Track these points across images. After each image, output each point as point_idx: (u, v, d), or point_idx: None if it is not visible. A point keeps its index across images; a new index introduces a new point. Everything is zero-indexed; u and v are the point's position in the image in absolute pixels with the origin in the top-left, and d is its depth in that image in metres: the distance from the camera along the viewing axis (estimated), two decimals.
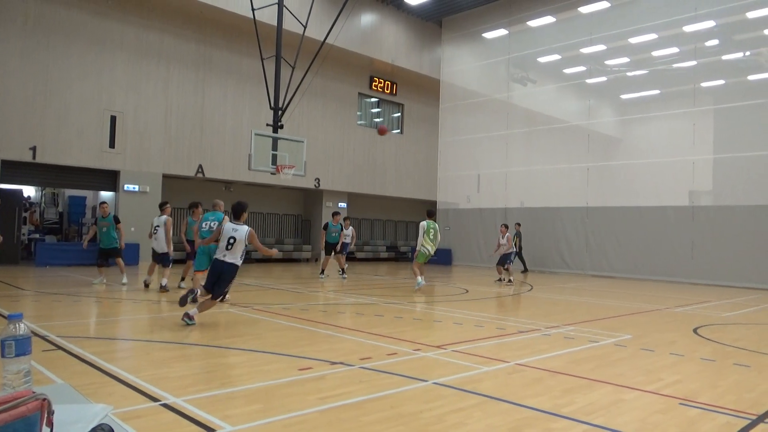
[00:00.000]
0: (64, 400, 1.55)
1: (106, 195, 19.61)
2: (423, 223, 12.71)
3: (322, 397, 4.20)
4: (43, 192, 21.46)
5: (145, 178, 18.79)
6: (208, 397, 4.14)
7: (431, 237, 12.58)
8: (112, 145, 18.03)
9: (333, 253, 15.57)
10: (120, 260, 12.29)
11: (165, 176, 19.36)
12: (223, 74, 20.72)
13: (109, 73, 18.01)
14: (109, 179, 18.67)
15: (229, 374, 4.82)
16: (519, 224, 20.26)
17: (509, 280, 15.41)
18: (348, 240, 16.15)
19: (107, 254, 12.18)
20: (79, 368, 4.92)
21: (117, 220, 12.27)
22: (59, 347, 5.69)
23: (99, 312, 8.87)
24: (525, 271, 20.63)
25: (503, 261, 15.49)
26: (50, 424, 1.27)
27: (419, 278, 12.53)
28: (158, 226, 11.47)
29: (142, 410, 3.80)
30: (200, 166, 19.94)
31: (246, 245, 7.30)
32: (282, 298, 10.75)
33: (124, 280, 11.98)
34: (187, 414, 3.72)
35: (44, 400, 1.26)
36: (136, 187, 18.58)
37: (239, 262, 7.28)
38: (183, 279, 11.71)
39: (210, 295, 7.30)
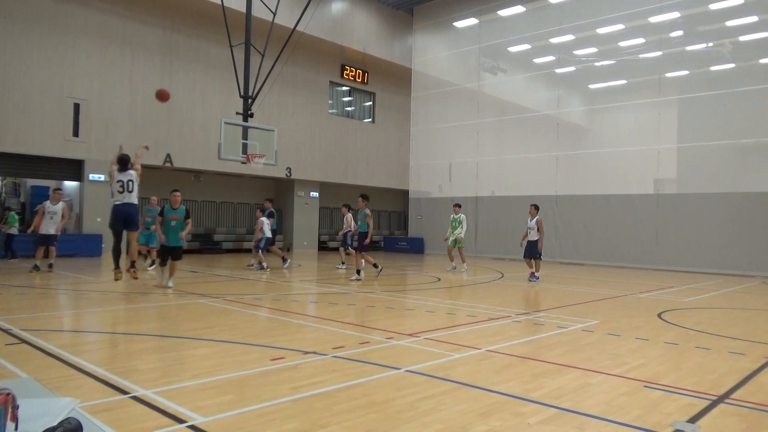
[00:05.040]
0: (29, 394, 1.52)
1: (70, 185, 19.08)
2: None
3: (295, 386, 4.20)
4: (4, 182, 20.78)
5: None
6: (179, 388, 4.09)
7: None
8: (75, 133, 17.54)
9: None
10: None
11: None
12: (191, 62, 20.29)
13: (71, 60, 17.46)
14: (74, 168, 18.16)
15: (201, 365, 4.77)
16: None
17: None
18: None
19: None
20: (44, 362, 4.81)
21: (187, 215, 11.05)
22: (23, 341, 5.55)
23: (64, 305, 8.67)
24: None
25: (534, 252, 13.31)
26: (15, 419, 1.24)
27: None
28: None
29: (111, 403, 3.73)
30: (168, 156, 19.56)
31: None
32: (254, 289, 10.66)
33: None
34: (157, 406, 3.68)
35: (8, 394, 1.23)
36: (102, 177, 18.12)
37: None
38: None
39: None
